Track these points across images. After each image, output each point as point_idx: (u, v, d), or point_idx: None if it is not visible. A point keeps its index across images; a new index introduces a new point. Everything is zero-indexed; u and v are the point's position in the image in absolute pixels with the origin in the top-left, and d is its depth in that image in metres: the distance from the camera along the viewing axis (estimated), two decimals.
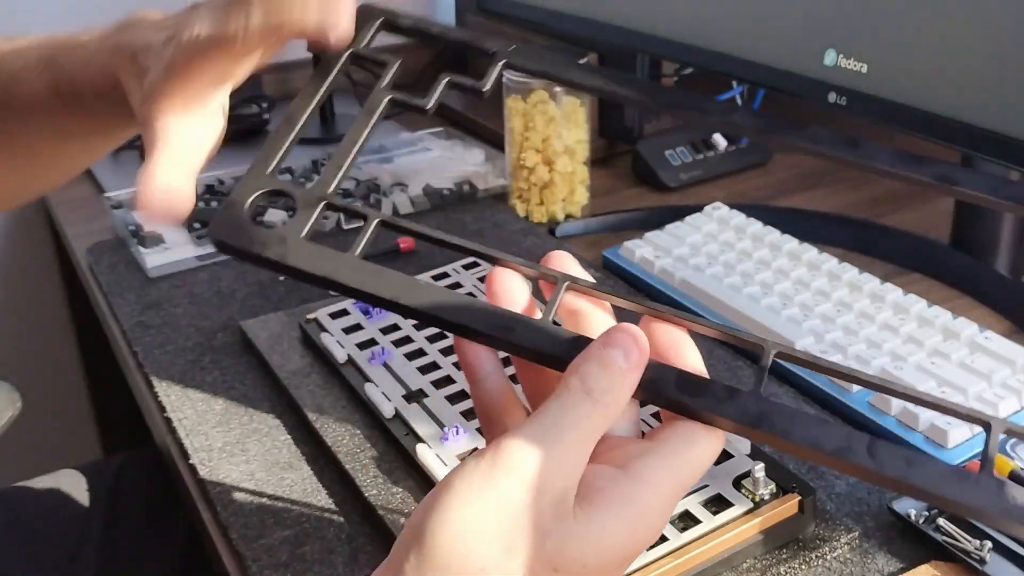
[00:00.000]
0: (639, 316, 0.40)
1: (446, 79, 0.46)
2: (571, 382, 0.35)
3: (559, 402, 0.35)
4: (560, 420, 0.35)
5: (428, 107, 0.46)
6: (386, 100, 0.45)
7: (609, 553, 0.35)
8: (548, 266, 0.41)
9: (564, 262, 0.41)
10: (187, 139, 0.44)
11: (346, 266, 0.40)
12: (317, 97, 0.45)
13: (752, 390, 0.37)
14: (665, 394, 0.37)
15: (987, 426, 0.36)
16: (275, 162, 0.43)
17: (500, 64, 0.46)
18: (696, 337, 0.40)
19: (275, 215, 0.94)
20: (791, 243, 0.80)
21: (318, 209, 0.42)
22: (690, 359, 0.39)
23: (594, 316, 0.40)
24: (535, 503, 0.33)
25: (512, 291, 0.39)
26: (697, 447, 0.37)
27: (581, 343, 0.37)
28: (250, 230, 0.41)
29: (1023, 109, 0.62)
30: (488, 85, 0.46)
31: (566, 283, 0.40)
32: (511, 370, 0.43)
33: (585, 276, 0.41)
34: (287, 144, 0.44)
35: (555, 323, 0.38)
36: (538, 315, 0.39)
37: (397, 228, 0.42)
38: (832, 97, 0.73)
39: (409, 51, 0.48)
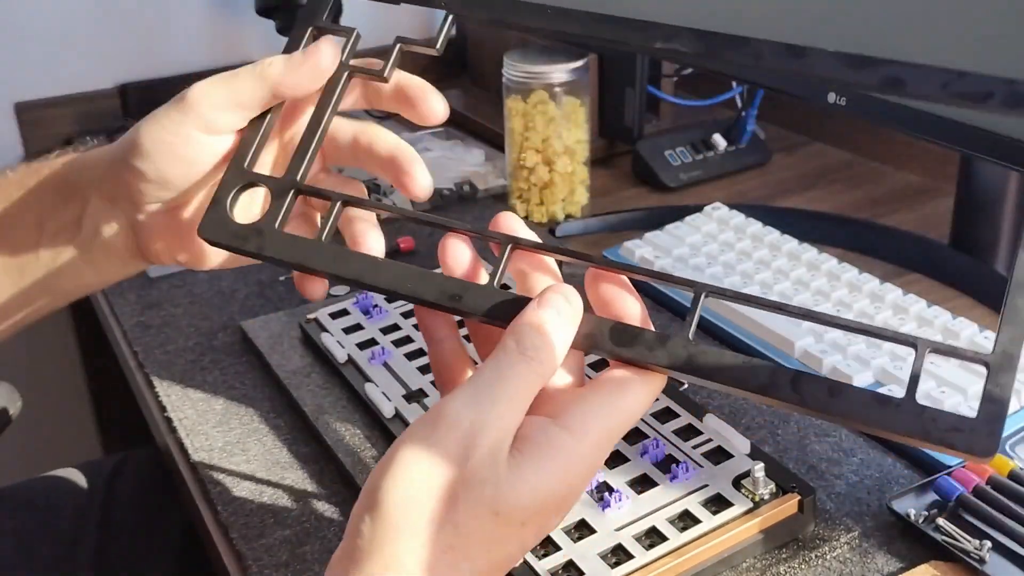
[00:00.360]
0: (585, 271, 0.43)
1: (399, 44, 0.49)
2: (507, 342, 0.38)
3: (495, 362, 0.38)
4: (495, 379, 0.38)
5: (386, 74, 0.48)
6: (345, 74, 0.48)
7: (544, 498, 0.37)
8: (496, 230, 0.44)
9: (511, 224, 0.44)
10: None
11: (315, 251, 0.44)
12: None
13: (682, 335, 0.39)
14: (600, 345, 0.40)
15: (914, 346, 0.37)
16: (250, 156, 0.47)
17: (449, 19, 0.48)
18: (698, 336, 0.41)
19: None
20: (791, 243, 0.80)
21: (289, 197, 0.46)
22: (630, 310, 0.41)
23: (541, 276, 0.44)
24: (473, 455, 0.36)
25: (459, 258, 0.44)
26: (628, 395, 0.39)
27: (521, 304, 0.40)
28: (231, 225, 0.46)
29: None
30: (439, 43, 0.49)
31: (510, 244, 0.43)
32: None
33: (532, 236, 0.44)
34: (258, 138, 0.48)
35: (505, 286, 0.42)
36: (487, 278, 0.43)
37: (361, 204, 0.46)
38: (832, 97, 0.73)
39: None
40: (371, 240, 0.48)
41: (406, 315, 0.73)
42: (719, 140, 1.06)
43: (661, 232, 0.85)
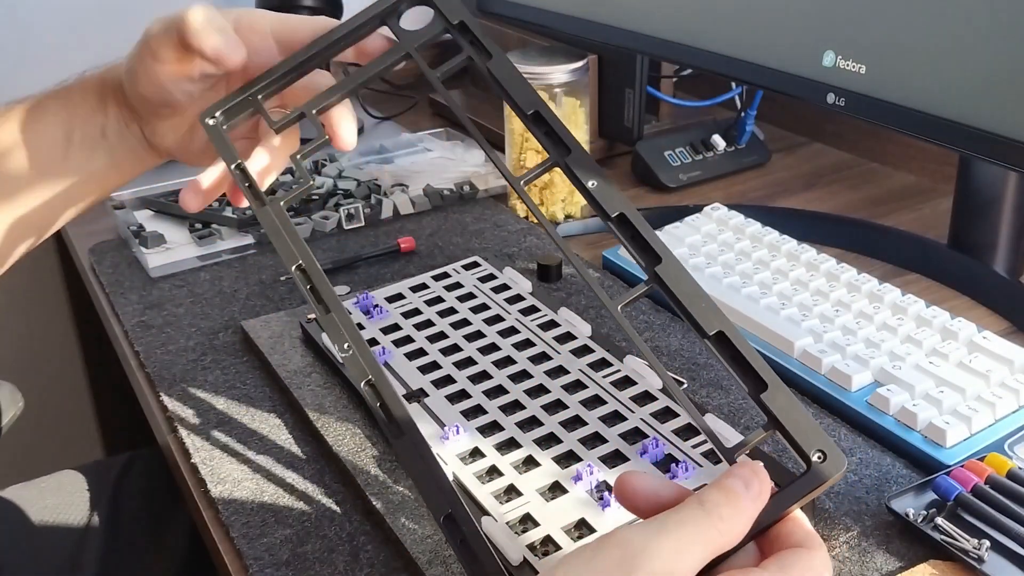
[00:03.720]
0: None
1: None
2: (691, 500, 0.37)
3: (676, 510, 0.37)
4: (672, 518, 0.36)
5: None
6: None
7: None
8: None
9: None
10: None
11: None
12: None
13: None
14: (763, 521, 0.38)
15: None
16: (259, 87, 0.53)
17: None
18: (698, 339, 0.40)
19: None
20: (790, 243, 0.80)
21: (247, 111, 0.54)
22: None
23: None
24: (628, 573, 0.35)
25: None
26: (802, 559, 0.38)
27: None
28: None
29: (1020, 110, 0.62)
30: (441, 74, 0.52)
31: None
32: None
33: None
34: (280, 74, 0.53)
35: None
36: None
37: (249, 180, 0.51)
38: (831, 98, 0.73)
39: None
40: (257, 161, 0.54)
41: (406, 315, 0.74)
42: (718, 140, 1.07)
43: (660, 232, 0.85)
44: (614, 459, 0.58)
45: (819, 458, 0.38)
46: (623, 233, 0.45)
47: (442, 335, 0.71)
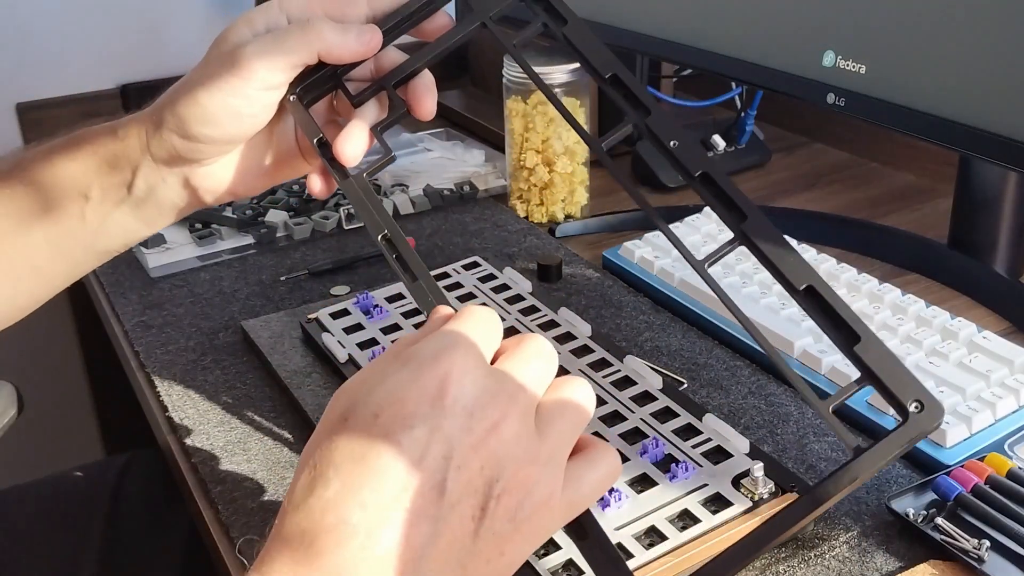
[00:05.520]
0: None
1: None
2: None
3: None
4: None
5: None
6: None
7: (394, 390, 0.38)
8: None
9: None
10: None
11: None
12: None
13: None
14: None
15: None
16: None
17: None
18: (698, 339, 0.40)
19: (276, 216, 0.94)
20: (789, 243, 0.80)
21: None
22: None
23: None
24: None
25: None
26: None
27: None
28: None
29: (1021, 110, 0.62)
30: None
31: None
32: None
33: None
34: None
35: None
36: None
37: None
38: (831, 98, 0.73)
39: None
40: (349, 141, 0.52)
41: (407, 315, 0.74)
42: (718, 140, 1.07)
43: (661, 232, 0.85)
44: None
45: (916, 408, 0.38)
46: (708, 192, 0.45)
47: None
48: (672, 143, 0.45)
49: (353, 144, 0.52)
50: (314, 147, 0.52)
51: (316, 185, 0.54)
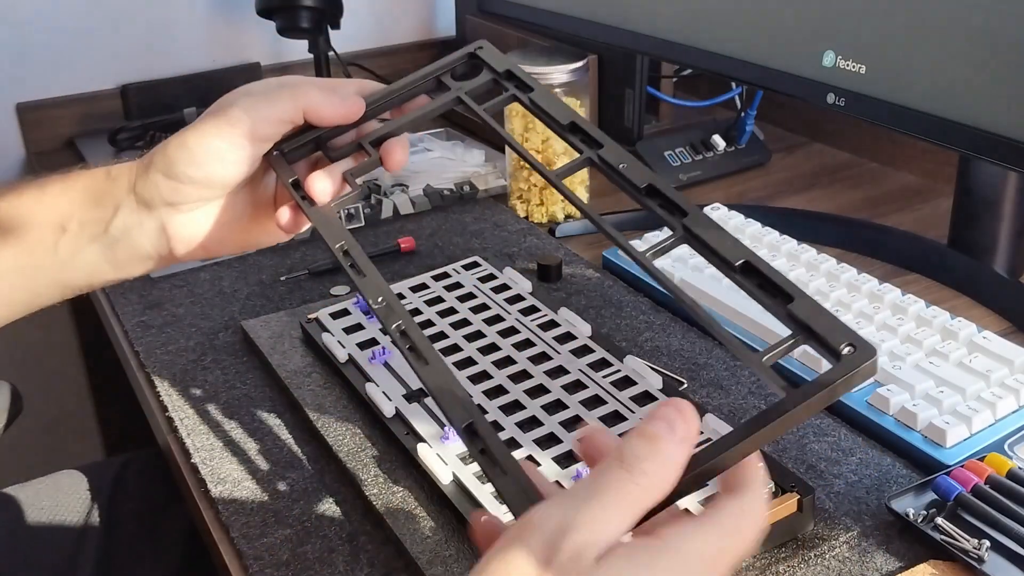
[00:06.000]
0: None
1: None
2: (611, 459, 0.36)
3: (594, 472, 0.36)
4: (590, 484, 0.35)
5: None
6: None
7: None
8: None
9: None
10: None
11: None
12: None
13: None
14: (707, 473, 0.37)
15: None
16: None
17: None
18: (698, 339, 0.40)
19: None
20: (790, 243, 0.80)
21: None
22: None
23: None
24: (557, 556, 0.34)
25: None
26: (728, 514, 0.36)
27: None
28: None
29: (1021, 110, 0.62)
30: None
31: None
32: None
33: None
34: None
35: None
36: None
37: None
38: (831, 98, 0.73)
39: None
40: (320, 179, 0.54)
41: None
42: (718, 141, 1.07)
43: (661, 232, 0.85)
44: None
45: (849, 350, 0.38)
46: (653, 201, 0.51)
47: (442, 335, 0.71)
48: (621, 165, 0.51)
49: (323, 181, 0.54)
50: (287, 187, 0.54)
51: (284, 216, 0.56)
